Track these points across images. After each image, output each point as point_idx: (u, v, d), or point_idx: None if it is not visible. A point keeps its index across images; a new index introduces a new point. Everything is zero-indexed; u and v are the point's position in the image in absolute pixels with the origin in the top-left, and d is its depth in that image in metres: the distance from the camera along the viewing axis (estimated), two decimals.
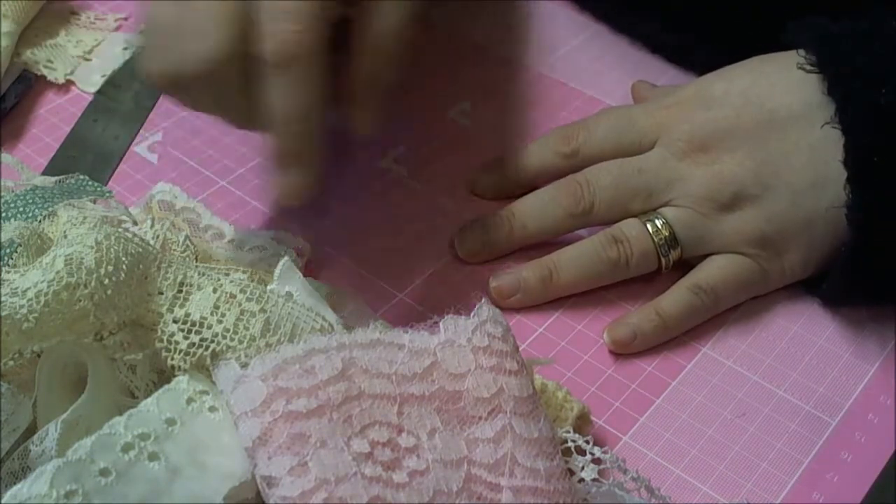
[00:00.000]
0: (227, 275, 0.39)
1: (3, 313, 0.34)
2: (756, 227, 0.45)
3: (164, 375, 0.38)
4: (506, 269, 0.47)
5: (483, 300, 0.38)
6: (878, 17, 0.45)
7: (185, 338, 0.36)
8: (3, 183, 0.46)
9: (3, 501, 0.31)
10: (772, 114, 0.45)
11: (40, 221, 0.43)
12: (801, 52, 0.45)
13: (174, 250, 0.44)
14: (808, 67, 0.44)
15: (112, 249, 0.37)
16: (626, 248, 0.46)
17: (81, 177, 0.47)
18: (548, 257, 0.47)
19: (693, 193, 0.46)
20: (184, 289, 0.38)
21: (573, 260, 0.46)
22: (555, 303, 0.47)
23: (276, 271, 0.41)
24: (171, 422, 0.34)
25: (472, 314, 0.37)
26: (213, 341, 0.36)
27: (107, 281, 0.36)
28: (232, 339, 0.36)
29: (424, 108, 0.58)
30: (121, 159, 0.55)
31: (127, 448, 0.33)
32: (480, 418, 0.35)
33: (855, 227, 0.42)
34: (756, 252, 0.45)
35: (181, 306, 0.37)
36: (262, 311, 0.37)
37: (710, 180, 0.46)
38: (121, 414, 0.34)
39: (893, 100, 0.42)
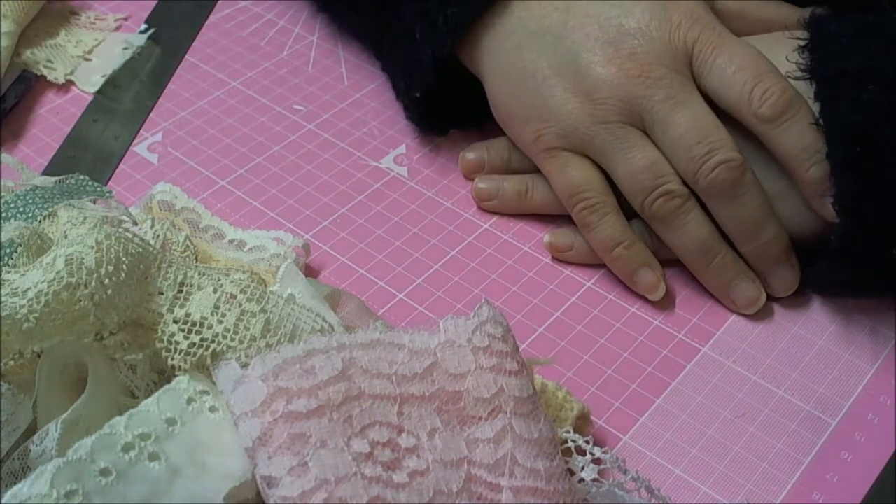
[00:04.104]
0: (228, 275, 0.39)
1: (4, 313, 0.34)
2: None
3: (164, 375, 0.38)
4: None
5: (483, 300, 0.38)
6: (883, 10, 0.45)
7: (186, 338, 0.36)
8: (3, 183, 0.46)
9: (3, 501, 0.31)
10: None
11: (40, 221, 0.43)
12: (795, 53, 0.45)
13: (174, 250, 0.44)
14: (798, 74, 0.44)
15: (112, 249, 0.37)
16: None
17: (81, 177, 0.47)
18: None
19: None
20: (184, 289, 0.38)
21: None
22: (554, 302, 0.47)
23: (279, 273, 0.41)
24: (171, 422, 0.34)
25: (472, 314, 0.37)
26: (213, 341, 0.36)
27: (107, 281, 0.36)
28: (232, 340, 0.36)
29: None
30: (121, 159, 0.55)
31: (127, 448, 0.33)
32: (480, 418, 0.35)
33: (842, 215, 0.42)
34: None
35: (181, 306, 0.37)
36: (263, 311, 0.37)
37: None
38: (121, 414, 0.34)
39: (877, 98, 0.42)
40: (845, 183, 0.42)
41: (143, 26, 0.64)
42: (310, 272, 0.48)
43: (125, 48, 0.62)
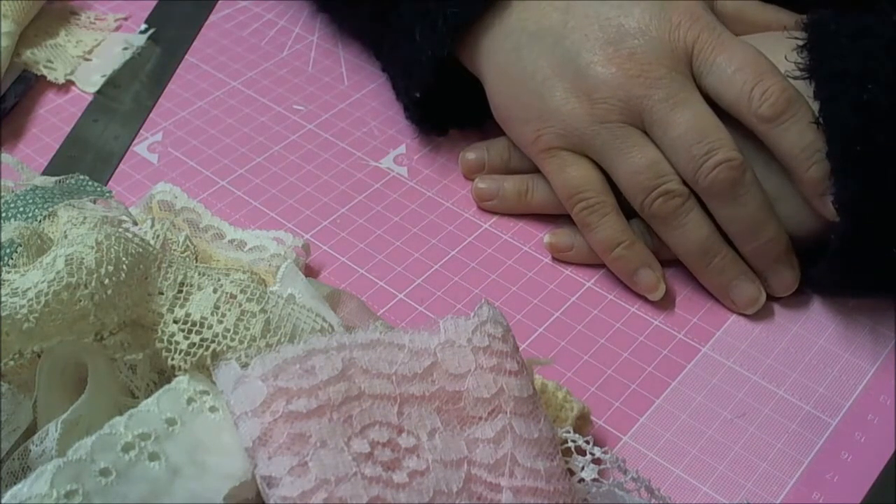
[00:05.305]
0: (228, 275, 0.39)
1: (4, 313, 0.34)
2: None
3: (164, 375, 0.38)
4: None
5: (483, 300, 0.38)
6: (882, 11, 0.45)
7: (186, 338, 0.36)
8: (3, 183, 0.46)
9: (3, 501, 0.31)
10: None
11: (40, 221, 0.43)
12: (795, 52, 0.45)
13: (174, 250, 0.44)
14: (797, 73, 0.44)
15: (112, 249, 0.37)
16: None
17: (81, 177, 0.47)
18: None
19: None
20: (184, 289, 0.38)
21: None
22: (554, 303, 0.47)
23: (279, 273, 0.41)
24: (171, 422, 0.34)
25: (472, 314, 0.37)
26: (213, 341, 0.36)
27: (107, 281, 0.36)
28: (232, 340, 0.36)
29: None
30: (121, 159, 0.55)
31: (127, 448, 0.33)
32: (480, 418, 0.35)
33: (842, 215, 0.42)
34: None
35: (181, 306, 0.37)
36: (263, 311, 0.37)
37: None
38: (121, 414, 0.34)
39: (876, 98, 0.42)
40: (845, 182, 0.42)
41: (143, 26, 0.64)
42: (310, 272, 0.48)
43: (125, 48, 0.62)
